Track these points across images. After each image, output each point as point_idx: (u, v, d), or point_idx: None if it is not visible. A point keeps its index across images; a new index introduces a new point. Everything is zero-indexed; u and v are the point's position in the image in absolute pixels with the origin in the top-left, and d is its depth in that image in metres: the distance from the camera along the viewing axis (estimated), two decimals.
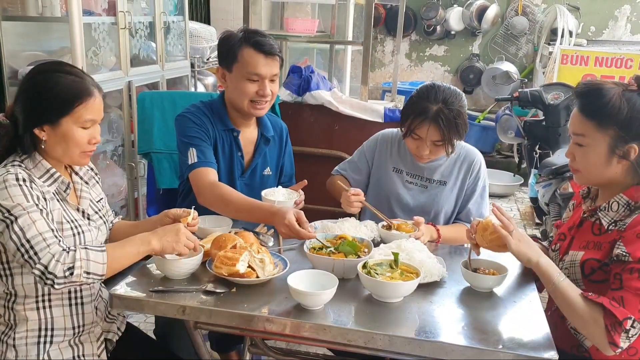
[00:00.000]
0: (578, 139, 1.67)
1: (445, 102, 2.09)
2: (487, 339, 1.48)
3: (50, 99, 1.62)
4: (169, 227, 1.69)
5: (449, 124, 2.07)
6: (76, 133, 1.65)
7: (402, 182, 2.30)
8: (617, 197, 1.67)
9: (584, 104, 1.65)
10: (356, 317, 1.57)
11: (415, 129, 2.12)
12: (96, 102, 1.67)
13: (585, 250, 1.70)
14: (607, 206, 1.69)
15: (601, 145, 1.62)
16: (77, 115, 1.63)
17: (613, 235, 1.64)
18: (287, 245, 1.99)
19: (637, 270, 1.52)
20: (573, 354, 1.72)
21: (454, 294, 1.73)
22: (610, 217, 1.67)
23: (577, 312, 1.55)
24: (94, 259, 1.53)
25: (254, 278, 1.66)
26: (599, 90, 1.63)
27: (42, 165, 1.67)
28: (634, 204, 1.63)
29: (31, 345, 1.66)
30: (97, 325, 1.78)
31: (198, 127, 2.19)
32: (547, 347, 1.45)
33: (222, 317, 1.56)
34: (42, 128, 1.63)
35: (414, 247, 1.83)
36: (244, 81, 2.17)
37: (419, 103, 2.12)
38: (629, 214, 1.63)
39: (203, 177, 2.10)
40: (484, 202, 2.30)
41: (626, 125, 1.59)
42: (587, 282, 1.68)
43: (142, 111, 3.01)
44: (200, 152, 2.14)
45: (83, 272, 1.51)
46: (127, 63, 3.66)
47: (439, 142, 2.11)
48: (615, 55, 5.11)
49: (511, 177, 6.02)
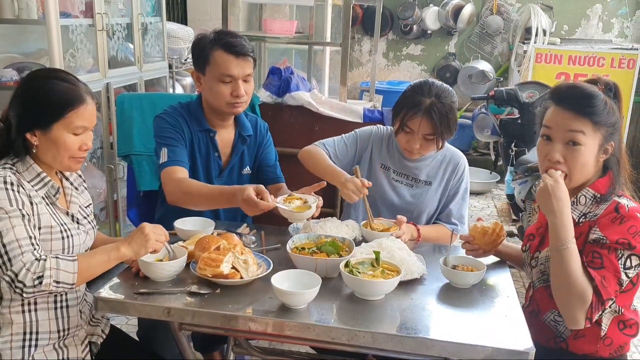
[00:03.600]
0: (574, 137, 1.67)
1: (439, 96, 2.14)
2: (466, 334, 1.52)
3: (42, 105, 1.65)
4: (134, 231, 1.69)
5: (441, 118, 2.12)
6: (67, 139, 1.67)
7: (389, 180, 2.34)
8: (583, 191, 1.74)
9: (579, 104, 1.68)
10: (339, 315, 1.60)
11: (408, 122, 2.16)
12: (88, 109, 1.69)
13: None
14: (575, 200, 1.74)
15: (595, 143, 1.68)
16: (69, 122, 1.65)
17: (585, 226, 1.70)
18: (271, 246, 2.01)
19: (614, 250, 1.61)
20: (549, 346, 1.78)
21: (434, 290, 1.77)
22: (579, 211, 1.73)
23: (570, 281, 1.60)
24: (64, 268, 1.55)
25: (238, 279, 1.68)
26: (587, 90, 1.69)
27: (33, 169, 1.69)
28: (600, 196, 1.71)
29: (16, 349, 1.66)
30: (82, 329, 1.79)
31: (172, 128, 2.22)
32: (524, 341, 1.49)
33: (207, 318, 1.58)
34: (34, 133, 1.66)
35: (395, 245, 1.87)
36: (217, 83, 2.19)
37: (412, 97, 2.17)
38: (597, 205, 1.71)
39: (170, 175, 2.14)
40: (464, 203, 2.35)
41: (614, 123, 1.68)
42: None
43: (121, 113, 3.01)
44: (171, 152, 2.17)
45: (52, 282, 1.53)
46: (105, 65, 3.65)
47: (431, 135, 2.16)
48: (588, 54, 5.22)
49: (488, 175, 6.11)
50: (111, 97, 3.64)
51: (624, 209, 1.64)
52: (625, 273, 1.61)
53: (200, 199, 2.09)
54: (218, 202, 2.08)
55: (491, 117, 4.75)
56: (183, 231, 1.99)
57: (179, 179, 2.12)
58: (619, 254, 1.61)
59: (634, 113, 5.46)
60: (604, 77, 1.76)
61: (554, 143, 1.71)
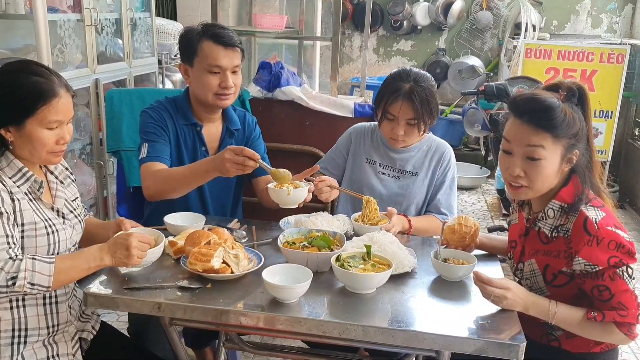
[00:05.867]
0: (533, 152, 1.64)
1: (417, 81, 2.17)
2: (457, 327, 1.52)
3: (13, 101, 1.60)
4: (121, 240, 1.64)
5: (422, 101, 2.14)
6: (41, 134, 1.63)
7: (375, 173, 2.34)
8: (550, 204, 1.71)
9: (537, 117, 1.63)
10: (330, 309, 1.60)
11: (389, 108, 2.18)
12: (61, 102, 1.64)
13: (537, 257, 1.75)
14: (543, 215, 1.73)
15: (556, 155, 1.64)
16: (41, 117, 1.61)
17: (560, 242, 1.69)
18: (261, 241, 2.01)
19: (613, 273, 1.58)
20: (542, 343, 1.78)
21: (425, 284, 1.77)
22: (550, 225, 1.72)
23: (589, 332, 1.64)
24: (39, 270, 1.53)
25: (228, 273, 1.67)
26: (545, 103, 1.64)
27: (14, 164, 1.66)
28: (567, 206, 1.68)
29: (5, 346, 1.65)
30: (71, 325, 1.78)
31: (154, 123, 2.20)
32: (516, 333, 1.50)
33: (198, 313, 1.57)
34: (8, 129, 1.62)
35: (386, 239, 1.87)
36: (205, 74, 2.17)
37: (392, 84, 2.20)
38: (566, 216, 1.68)
39: (148, 169, 2.12)
40: (452, 193, 2.35)
41: (575, 134, 1.64)
42: (550, 288, 1.74)
43: (110, 109, 2.99)
44: (151, 147, 2.16)
45: (27, 283, 1.51)
46: (93, 60, 3.62)
47: (413, 120, 2.17)
48: (577, 48, 5.23)
49: (478, 170, 6.13)
50: (100, 93, 3.62)
51: (593, 227, 1.60)
52: (632, 284, 1.61)
53: (179, 178, 2.06)
54: (198, 173, 2.03)
55: (481, 112, 4.76)
56: (173, 226, 1.98)
57: (155, 170, 2.10)
58: (618, 273, 1.58)
59: (623, 108, 5.48)
60: (567, 81, 1.70)
61: (514, 157, 1.67)
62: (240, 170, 1.91)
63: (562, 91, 1.67)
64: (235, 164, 1.90)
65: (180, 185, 2.09)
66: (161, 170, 2.11)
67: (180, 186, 2.09)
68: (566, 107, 1.64)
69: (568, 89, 1.68)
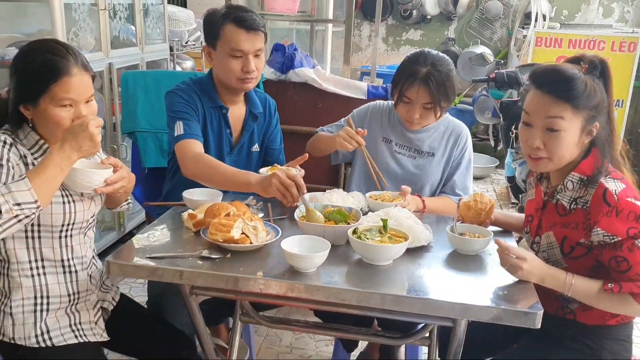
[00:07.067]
0: (552, 123, 1.65)
1: (435, 65, 2.16)
2: (474, 296, 1.54)
3: (28, 78, 1.62)
4: (77, 128, 1.58)
5: (438, 86, 2.14)
6: (55, 113, 1.62)
7: (391, 152, 2.35)
8: (569, 176, 1.72)
9: (557, 88, 1.64)
10: (348, 279, 1.62)
11: (406, 92, 2.18)
12: (73, 80, 1.62)
13: (554, 229, 1.76)
14: (562, 187, 1.74)
15: (576, 126, 1.65)
16: (53, 95, 1.61)
17: (579, 214, 1.69)
18: (278, 216, 2.03)
19: (632, 246, 1.58)
20: (558, 316, 1.79)
21: (441, 257, 1.79)
22: (568, 197, 1.73)
23: (605, 304, 1.65)
24: (16, 189, 1.48)
25: (248, 244, 1.70)
26: (566, 74, 1.65)
27: (31, 136, 1.69)
28: (586, 178, 1.69)
29: (28, 313, 1.68)
30: (93, 294, 1.81)
31: (186, 103, 2.22)
32: (532, 302, 1.52)
33: (218, 280, 1.59)
34: (27, 107, 1.64)
35: (402, 214, 1.89)
36: (228, 58, 2.19)
37: (409, 67, 2.19)
38: (585, 188, 1.69)
39: (187, 148, 2.13)
40: (468, 174, 2.36)
41: (596, 105, 1.65)
42: (567, 260, 1.74)
43: (125, 91, 3.01)
44: (187, 125, 2.17)
45: (13, 206, 1.46)
46: (107, 45, 3.64)
47: (429, 104, 2.17)
48: (588, 37, 5.22)
49: (487, 159, 6.14)
50: (114, 78, 3.64)
51: (612, 198, 1.60)
52: None
53: (219, 177, 2.04)
54: (240, 182, 2.01)
55: (492, 100, 4.77)
56: (192, 201, 2.01)
57: (197, 153, 2.11)
58: (637, 244, 1.58)
59: (634, 97, 5.47)
60: (589, 55, 1.71)
61: (534, 129, 1.69)
62: (281, 196, 1.89)
63: (583, 64, 1.68)
64: (279, 191, 1.87)
65: (218, 184, 2.08)
66: (205, 157, 2.10)
67: (217, 184, 2.08)
68: (587, 78, 1.64)
69: (590, 62, 1.68)
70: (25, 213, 1.50)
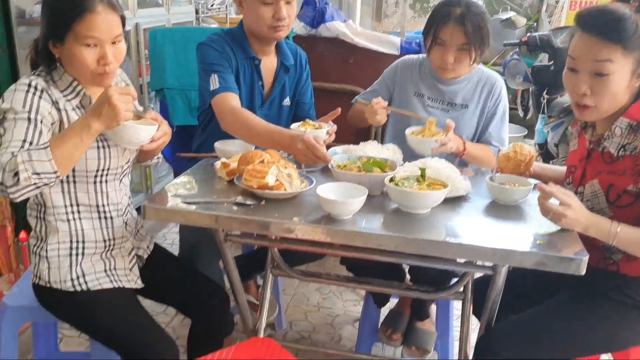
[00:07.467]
0: (601, 67, 1.57)
1: (468, 6, 2.11)
2: (515, 242, 1.50)
3: (54, 14, 1.59)
4: (100, 99, 1.52)
5: (474, 27, 2.08)
6: (78, 52, 1.57)
7: (424, 106, 2.30)
8: (617, 122, 1.66)
9: (606, 29, 1.56)
10: (385, 226, 1.59)
11: (440, 33, 2.12)
12: (97, 18, 1.55)
13: (600, 177, 1.70)
14: (610, 134, 1.68)
15: (626, 70, 1.58)
16: (76, 33, 1.56)
17: (627, 161, 1.64)
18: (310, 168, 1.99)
19: None
20: (600, 267, 1.74)
21: (480, 207, 1.75)
22: (616, 143, 1.66)
23: None
24: (37, 158, 1.44)
25: (282, 191, 1.67)
26: (616, 14, 1.58)
27: (66, 77, 1.66)
28: (636, 123, 1.62)
29: (63, 257, 1.69)
30: (128, 241, 1.80)
31: (220, 54, 2.17)
32: (577, 250, 1.47)
33: (254, 225, 1.57)
34: (55, 45, 1.61)
35: (440, 165, 1.84)
36: (258, 5, 2.14)
37: (442, 8, 2.14)
38: (634, 134, 1.63)
39: (225, 102, 2.09)
40: (504, 125, 2.31)
41: None
42: (613, 208, 1.68)
43: (153, 48, 2.99)
44: (222, 79, 2.13)
45: (32, 175, 1.43)
46: (134, 4, 3.61)
47: (464, 45, 2.11)
48: None
49: (516, 129, 6.03)
50: (140, 38, 3.62)
51: None
52: None
53: (257, 132, 1.99)
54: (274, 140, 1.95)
55: (523, 64, 4.66)
56: (224, 151, 1.99)
57: (235, 106, 2.07)
58: None
59: None
60: None
61: (580, 74, 1.62)
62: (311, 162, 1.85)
63: (633, 2, 1.61)
64: (306, 157, 1.83)
65: (253, 140, 2.03)
66: (241, 111, 2.05)
67: (252, 140, 2.04)
68: (638, 18, 1.57)
69: None
70: (44, 182, 1.47)
